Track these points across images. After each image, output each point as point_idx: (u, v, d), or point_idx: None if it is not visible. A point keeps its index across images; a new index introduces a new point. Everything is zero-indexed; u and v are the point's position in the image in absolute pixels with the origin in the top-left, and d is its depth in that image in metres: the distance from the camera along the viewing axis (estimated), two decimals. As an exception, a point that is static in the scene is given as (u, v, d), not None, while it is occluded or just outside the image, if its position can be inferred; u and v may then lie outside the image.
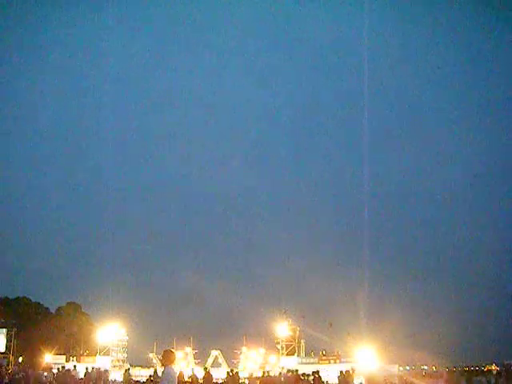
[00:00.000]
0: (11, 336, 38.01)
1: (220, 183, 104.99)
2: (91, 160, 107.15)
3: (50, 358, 37.83)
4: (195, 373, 24.19)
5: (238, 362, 51.15)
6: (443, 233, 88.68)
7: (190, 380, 22.30)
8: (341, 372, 21.76)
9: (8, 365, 34.64)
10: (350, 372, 21.71)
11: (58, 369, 26.12)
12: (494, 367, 43.05)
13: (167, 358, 6.42)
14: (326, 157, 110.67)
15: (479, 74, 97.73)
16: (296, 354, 43.50)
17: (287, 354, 43.54)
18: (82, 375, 25.93)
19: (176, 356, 6.84)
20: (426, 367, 38.07)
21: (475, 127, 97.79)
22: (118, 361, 43.47)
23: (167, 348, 6.54)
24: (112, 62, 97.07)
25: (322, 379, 20.52)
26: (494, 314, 61.87)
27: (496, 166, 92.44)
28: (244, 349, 51.51)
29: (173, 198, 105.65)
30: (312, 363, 38.59)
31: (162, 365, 6.63)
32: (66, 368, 26.33)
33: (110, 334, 42.08)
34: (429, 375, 30.76)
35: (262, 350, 51.12)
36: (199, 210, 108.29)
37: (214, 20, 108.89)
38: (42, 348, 39.23)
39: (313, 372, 20.94)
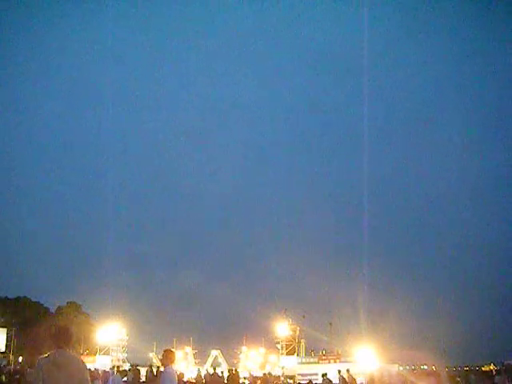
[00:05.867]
0: (11, 336, 38.01)
1: (221, 183, 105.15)
2: (91, 160, 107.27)
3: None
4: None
5: (238, 362, 51.17)
6: (443, 233, 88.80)
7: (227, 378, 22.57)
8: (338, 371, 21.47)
9: (8, 364, 34.66)
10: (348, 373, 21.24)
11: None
12: (492, 367, 43.05)
13: (168, 358, 6.41)
14: (326, 157, 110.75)
15: (479, 74, 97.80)
16: (296, 354, 43.49)
17: (287, 354, 43.54)
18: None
19: (176, 355, 6.84)
20: (425, 367, 38.03)
21: (475, 128, 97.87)
22: (118, 360, 43.46)
23: (167, 348, 6.53)
24: (112, 63, 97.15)
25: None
26: (493, 314, 61.97)
27: (496, 167, 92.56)
28: (244, 348, 51.56)
29: (173, 199, 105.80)
30: (312, 363, 38.62)
31: (163, 364, 6.64)
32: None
33: (110, 333, 42.09)
34: (426, 373, 30.76)
35: (262, 350, 51.17)
36: (199, 210, 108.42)
37: (214, 21, 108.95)
38: (42, 348, 39.24)
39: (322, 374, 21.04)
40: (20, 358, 39.63)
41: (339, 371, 20.81)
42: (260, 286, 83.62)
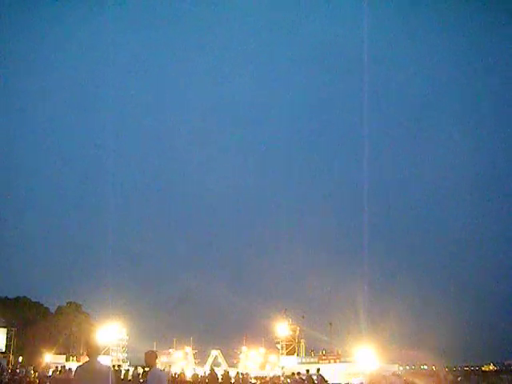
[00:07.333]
0: (11, 336, 37.94)
1: (220, 183, 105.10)
2: (91, 160, 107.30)
3: (50, 358, 37.81)
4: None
5: (238, 362, 51.19)
6: (443, 233, 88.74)
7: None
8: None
9: (8, 364, 34.61)
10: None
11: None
12: (491, 367, 43.07)
13: (152, 359, 6.43)
14: (326, 157, 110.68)
15: (479, 72, 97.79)
16: (296, 354, 43.48)
17: (287, 354, 43.54)
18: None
19: (158, 356, 6.95)
20: (425, 367, 38.10)
21: (475, 126, 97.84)
22: (118, 360, 43.47)
23: (149, 350, 6.56)
24: (112, 64, 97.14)
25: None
26: (493, 313, 61.91)
27: (495, 167, 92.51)
28: (244, 348, 51.54)
29: (173, 199, 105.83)
30: (312, 363, 38.59)
31: (147, 366, 6.67)
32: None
33: (110, 333, 42.05)
34: (426, 374, 30.78)
35: (262, 350, 51.15)
36: (200, 211, 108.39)
37: (214, 21, 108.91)
38: (42, 348, 39.23)
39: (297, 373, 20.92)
40: (20, 358, 39.56)
41: (307, 371, 20.59)
42: (260, 286, 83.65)
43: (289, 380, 22.56)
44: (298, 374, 20.91)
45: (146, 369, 22.96)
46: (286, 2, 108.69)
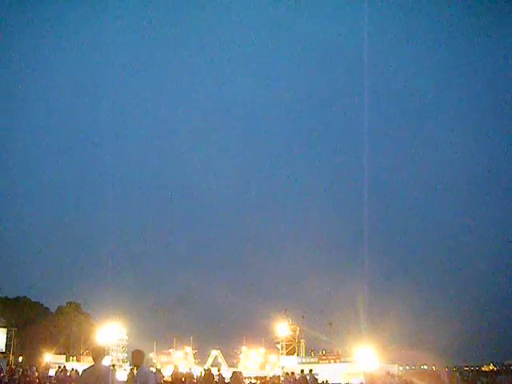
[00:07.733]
0: (11, 336, 37.93)
1: (220, 183, 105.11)
2: (91, 160, 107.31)
3: (50, 358, 37.79)
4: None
5: (238, 362, 51.18)
6: (443, 234, 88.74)
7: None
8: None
9: (8, 364, 34.56)
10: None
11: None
12: (491, 367, 43.06)
13: (139, 359, 6.41)
14: (326, 157, 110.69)
15: (479, 71, 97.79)
16: (296, 354, 43.47)
17: (287, 354, 43.53)
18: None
19: (145, 355, 6.93)
20: (425, 367, 38.09)
21: (474, 127, 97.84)
22: (118, 360, 43.48)
23: (136, 349, 6.53)
24: (112, 63, 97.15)
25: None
26: (493, 313, 61.95)
27: (495, 167, 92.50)
28: (244, 348, 51.53)
29: (173, 199, 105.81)
30: (312, 363, 38.60)
31: (135, 365, 6.65)
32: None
33: (110, 333, 42.04)
34: (428, 374, 30.74)
35: (262, 350, 51.15)
36: (200, 211, 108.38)
37: (214, 20, 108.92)
38: (42, 348, 39.22)
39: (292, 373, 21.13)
40: (20, 358, 39.54)
41: (302, 371, 20.79)
42: (260, 286, 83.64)
43: (282, 378, 22.76)
44: (292, 374, 21.09)
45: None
46: (286, 2, 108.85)
